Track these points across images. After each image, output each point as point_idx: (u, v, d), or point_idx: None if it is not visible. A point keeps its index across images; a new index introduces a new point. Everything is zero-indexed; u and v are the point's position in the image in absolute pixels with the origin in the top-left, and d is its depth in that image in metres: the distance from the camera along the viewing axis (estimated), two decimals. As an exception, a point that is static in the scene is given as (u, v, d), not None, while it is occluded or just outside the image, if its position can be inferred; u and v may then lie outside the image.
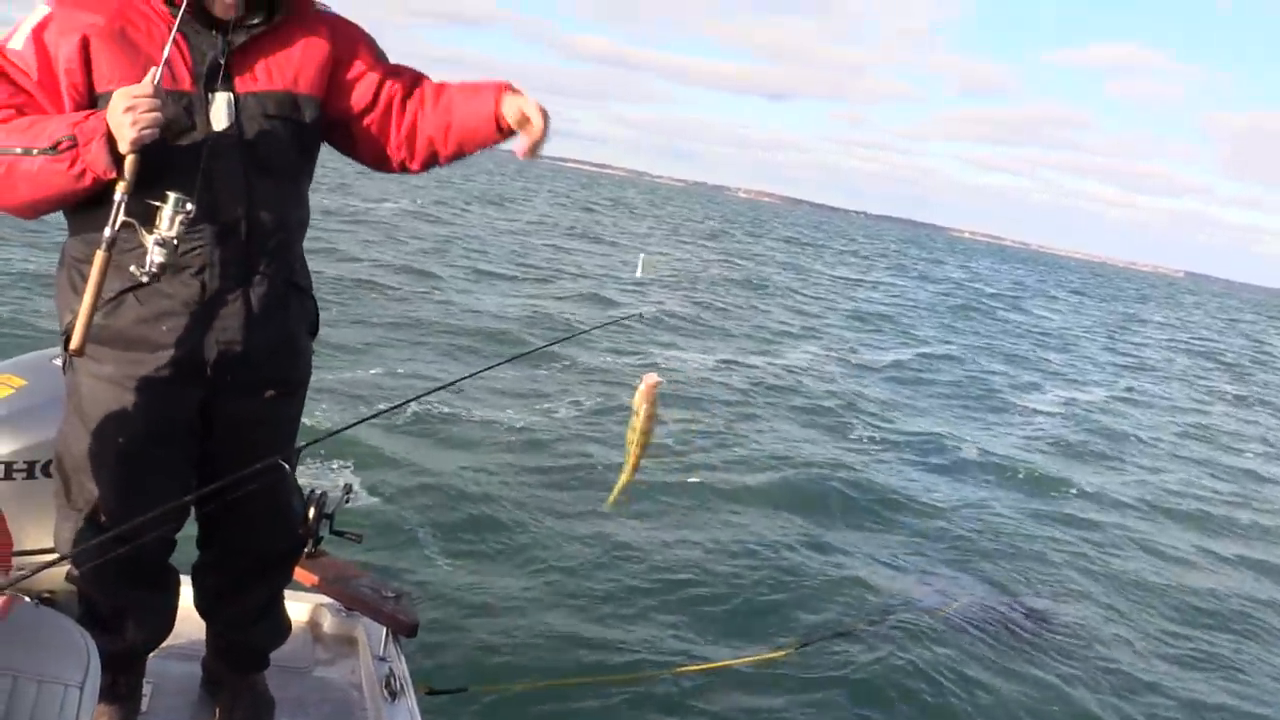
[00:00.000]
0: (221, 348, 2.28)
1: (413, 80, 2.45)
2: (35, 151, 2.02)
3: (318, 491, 3.00)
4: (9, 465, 2.68)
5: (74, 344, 2.11)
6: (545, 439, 8.69)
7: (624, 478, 2.43)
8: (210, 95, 2.18)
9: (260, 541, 2.64)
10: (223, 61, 2.19)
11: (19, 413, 2.70)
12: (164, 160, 2.10)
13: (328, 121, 2.38)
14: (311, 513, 2.98)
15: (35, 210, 2.16)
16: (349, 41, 2.40)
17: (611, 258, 26.49)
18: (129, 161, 2.04)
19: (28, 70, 2.10)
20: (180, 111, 2.14)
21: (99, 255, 2.09)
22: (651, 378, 2.34)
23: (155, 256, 2.08)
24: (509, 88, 2.33)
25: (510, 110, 2.30)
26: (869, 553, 7.39)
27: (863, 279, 35.12)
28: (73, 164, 2.03)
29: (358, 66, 2.39)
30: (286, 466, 2.49)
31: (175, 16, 2.11)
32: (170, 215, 2.06)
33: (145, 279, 2.13)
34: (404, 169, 2.49)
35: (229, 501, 2.47)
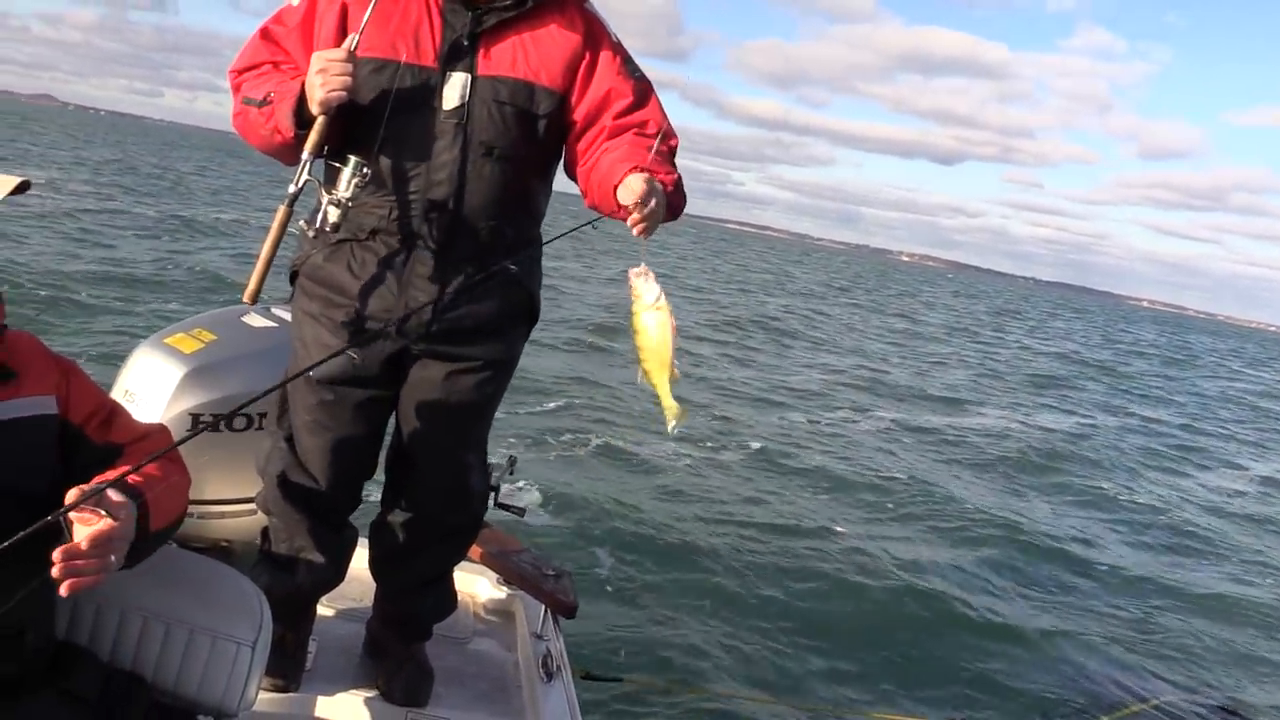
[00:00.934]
0: (407, 311, 2.32)
1: (630, 113, 2.36)
2: (252, 103, 2.19)
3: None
4: (196, 417, 2.77)
5: (247, 294, 2.24)
6: (723, 465, 8.62)
7: (663, 399, 2.15)
8: (448, 74, 2.22)
9: (437, 511, 2.65)
10: (466, 42, 2.23)
11: (208, 366, 2.80)
12: (389, 131, 2.19)
13: (562, 116, 2.34)
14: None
15: (272, 156, 2.30)
16: (601, 46, 2.34)
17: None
18: (318, 123, 2.13)
19: (288, 24, 2.26)
20: (413, 89, 2.20)
21: (280, 210, 2.20)
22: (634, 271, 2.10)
23: (330, 215, 2.17)
24: (639, 168, 2.16)
25: (625, 192, 2.13)
26: (1069, 629, 6.86)
27: (1031, 343, 33.69)
28: (269, 119, 2.16)
29: (599, 75, 2.33)
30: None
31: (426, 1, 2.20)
32: (348, 177, 2.15)
33: (312, 234, 2.23)
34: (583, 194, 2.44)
35: (414, 466, 2.56)
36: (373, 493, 2.71)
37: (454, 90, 2.23)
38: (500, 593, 3.29)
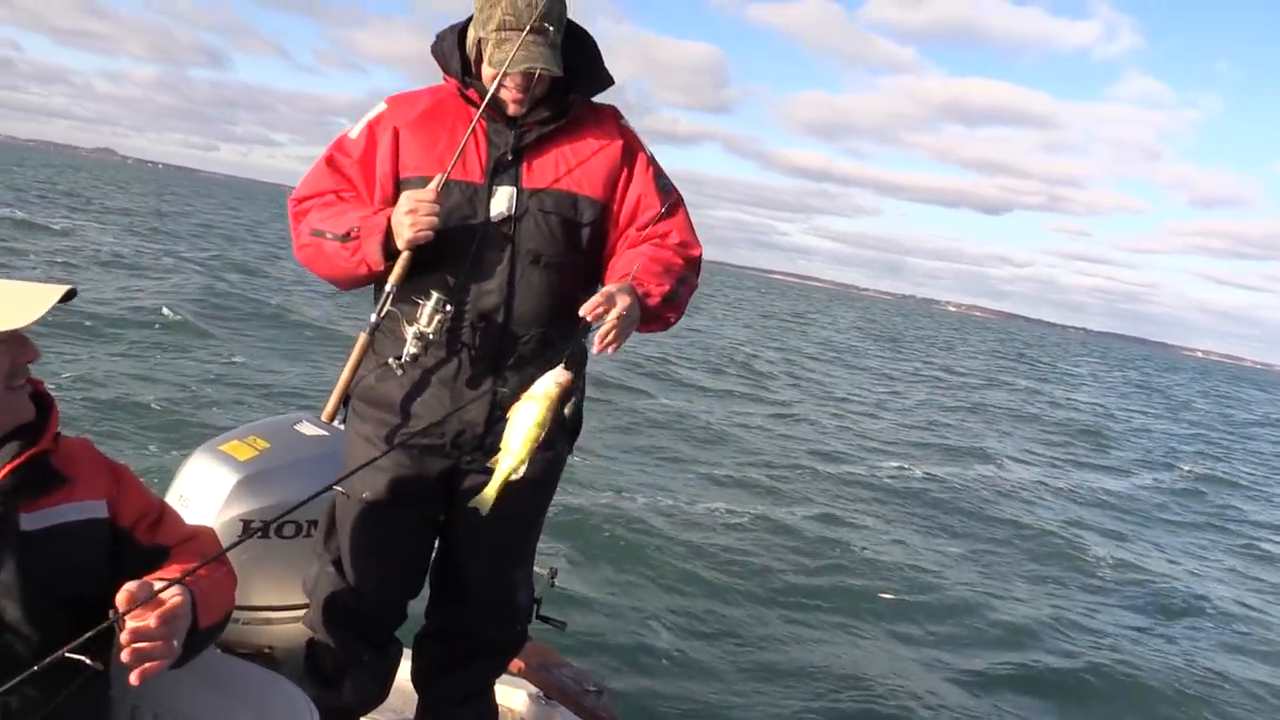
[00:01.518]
0: (463, 427, 2.38)
1: (654, 224, 2.43)
2: (333, 237, 2.29)
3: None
4: (247, 523, 2.82)
5: (325, 414, 2.45)
6: (761, 535, 8.53)
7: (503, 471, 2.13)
8: (494, 188, 2.32)
9: (481, 626, 2.67)
10: (510, 157, 2.33)
11: (261, 474, 2.85)
12: (438, 244, 2.27)
13: (604, 225, 2.42)
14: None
15: (339, 285, 2.43)
16: (636, 159, 2.44)
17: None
18: (402, 258, 2.26)
19: (352, 155, 2.39)
20: (461, 203, 2.30)
21: (361, 338, 2.36)
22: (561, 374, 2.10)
23: (410, 348, 2.28)
24: (625, 277, 2.24)
25: (585, 304, 2.17)
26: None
27: (1079, 397, 33.15)
28: (354, 252, 2.28)
29: (633, 186, 2.43)
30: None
31: (475, 113, 2.31)
32: (430, 312, 2.26)
33: (398, 370, 2.32)
34: None
35: (460, 583, 2.59)
36: (417, 604, 2.75)
37: (501, 203, 2.32)
38: (540, 707, 3.28)
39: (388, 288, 2.29)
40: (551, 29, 2.24)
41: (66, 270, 17.28)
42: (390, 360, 2.33)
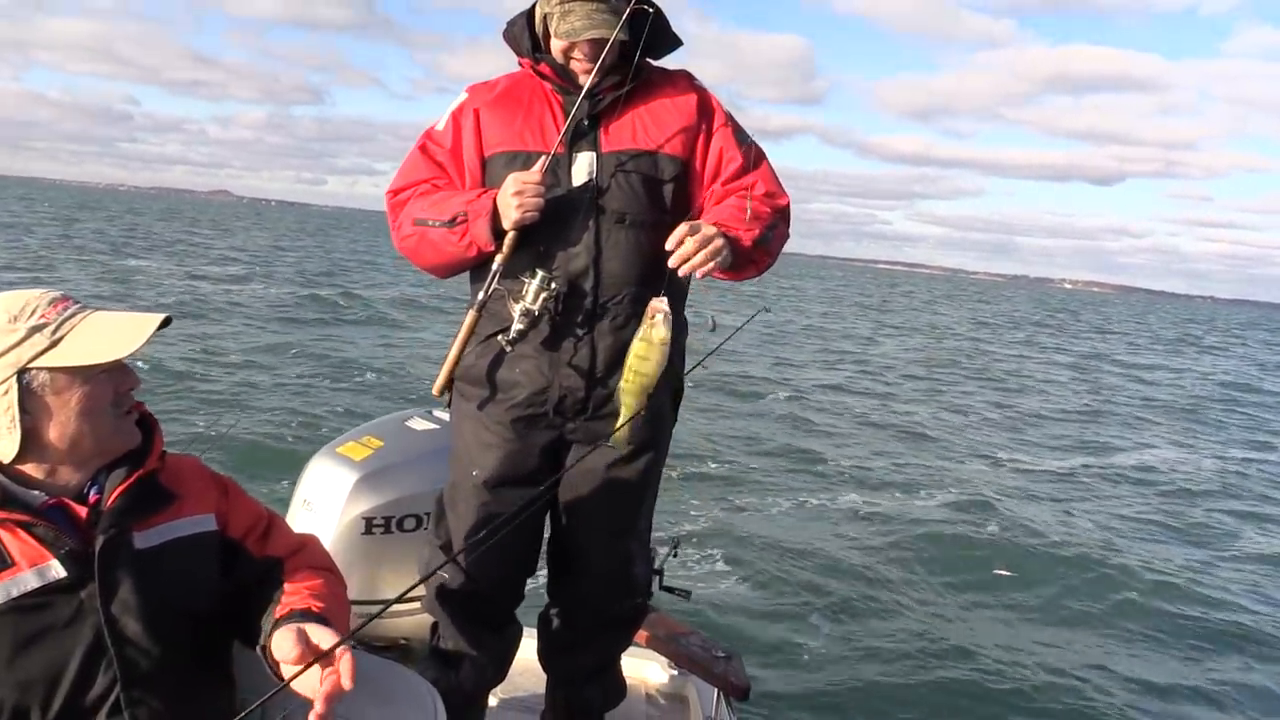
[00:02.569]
0: (563, 393, 2.41)
1: (738, 178, 2.45)
2: (437, 223, 2.36)
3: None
4: (369, 520, 2.90)
5: (435, 389, 2.48)
6: (892, 519, 8.39)
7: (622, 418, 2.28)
8: (574, 155, 2.38)
9: (601, 601, 2.69)
10: (587, 124, 2.38)
11: (378, 472, 2.93)
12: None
13: (687, 182, 2.45)
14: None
15: (443, 272, 2.49)
16: (713, 116, 2.47)
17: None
18: (509, 238, 2.32)
19: (443, 144, 2.47)
20: (551, 177, 2.34)
21: (469, 315, 2.40)
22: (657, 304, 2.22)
23: (518, 324, 2.33)
24: (712, 221, 2.29)
25: (671, 239, 2.25)
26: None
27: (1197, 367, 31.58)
28: (463, 236, 2.34)
29: (713, 143, 2.46)
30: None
31: (551, 86, 2.40)
32: (535, 290, 2.31)
33: (508, 347, 2.36)
34: None
35: (576, 558, 2.62)
36: (538, 582, 2.77)
37: (581, 168, 2.37)
38: (672, 677, 3.28)
39: (495, 265, 2.34)
40: None
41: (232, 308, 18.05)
42: (499, 337, 2.38)
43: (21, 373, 1.60)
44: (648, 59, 2.41)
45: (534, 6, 2.41)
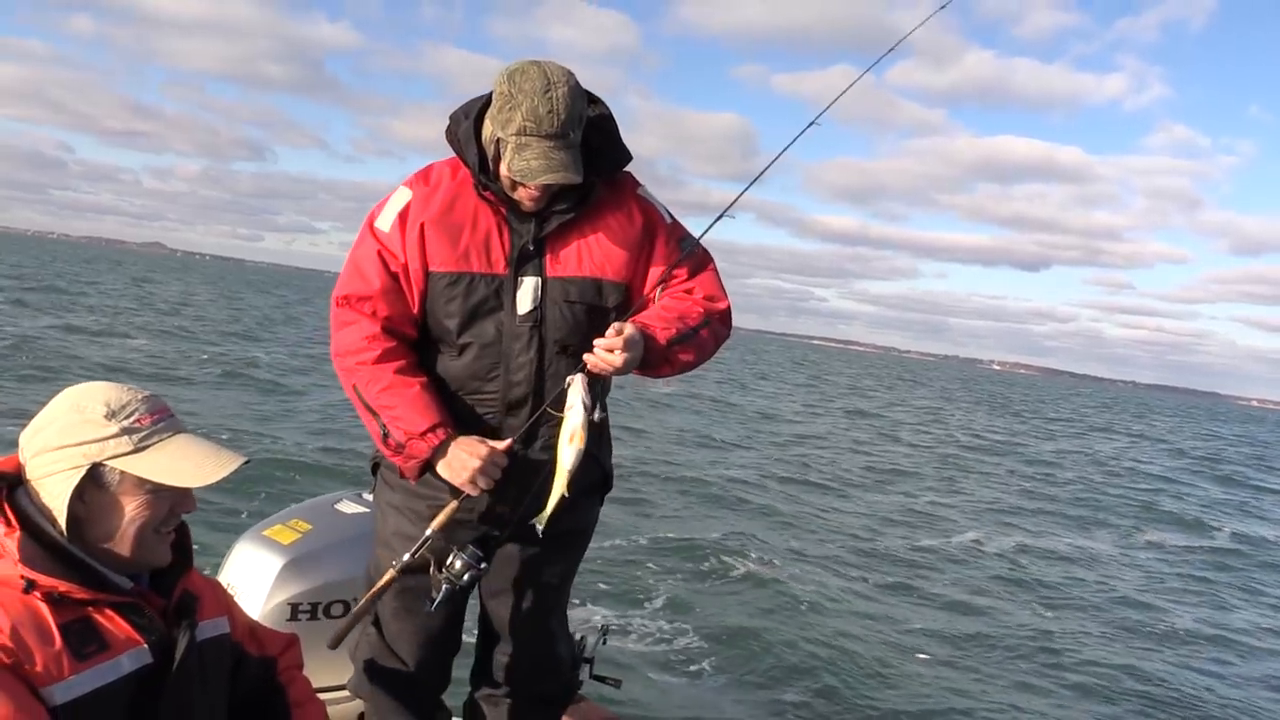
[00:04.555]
0: (492, 502, 2.40)
1: (679, 284, 2.47)
2: (376, 421, 2.32)
3: (576, 635, 2.99)
4: (295, 606, 2.85)
5: (330, 641, 2.41)
6: (832, 597, 8.38)
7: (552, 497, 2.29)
8: (519, 279, 2.32)
9: (527, 681, 2.67)
10: (532, 247, 2.33)
11: (305, 556, 2.89)
12: (468, 337, 2.32)
13: (628, 304, 2.43)
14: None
15: None
16: (657, 233, 2.44)
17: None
18: (451, 508, 2.34)
19: (395, 252, 2.33)
20: (488, 296, 2.32)
21: (389, 575, 2.37)
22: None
23: (437, 594, 2.36)
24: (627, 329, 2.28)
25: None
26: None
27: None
28: (391, 455, 2.35)
29: (655, 259, 2.43)
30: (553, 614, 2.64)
31: (493, 208, 2.32)
32: (462, 567, 2.34)
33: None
34: None
35: (500, 640, 2.62)
36: (461, 671, 2.74)
37: (526, 294, 2.32)
38: None
39: (428, 532, 2.37)
40: (572, 133, 2.21)
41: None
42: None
43: (97, 466, 1.61)
44: (596, 179, 2.35)
45: (482, 111, 2.32)
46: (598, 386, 2.31)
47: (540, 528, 2.32)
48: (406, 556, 2.35)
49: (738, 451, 17.79)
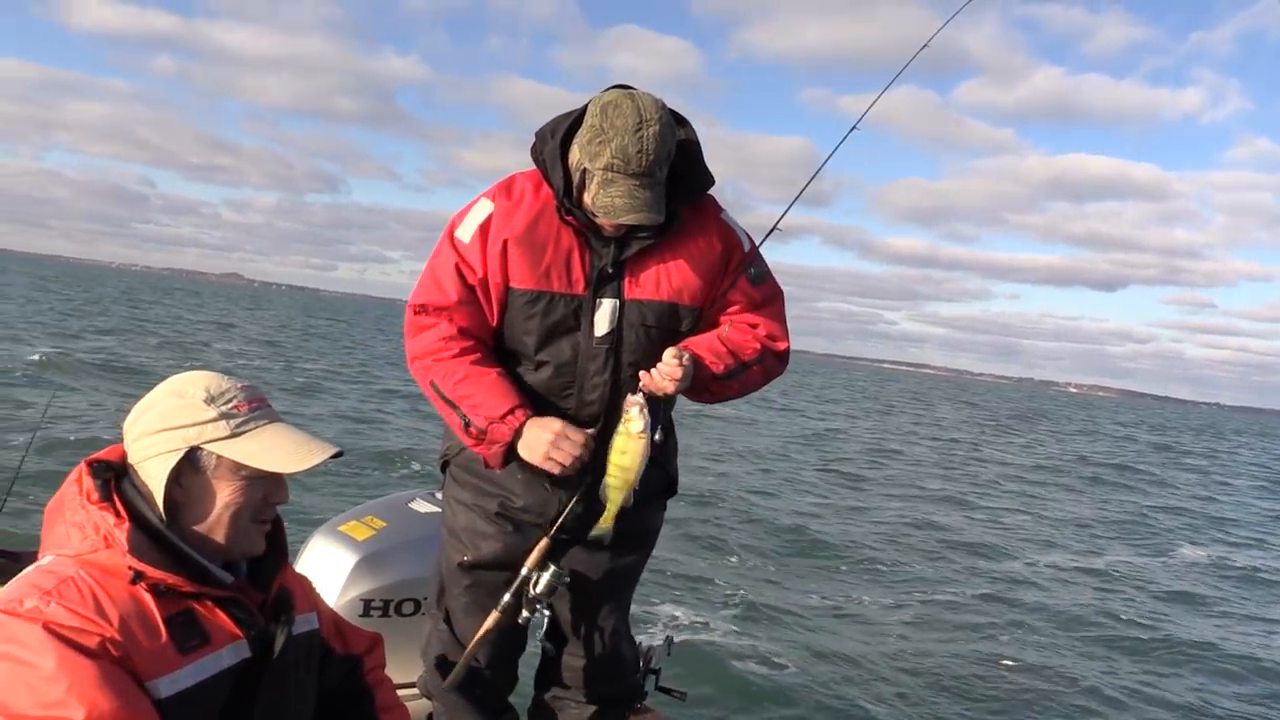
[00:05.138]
0: (562, 507, 2.42)
1: (742, 314, 2.48)
2: (456, 412, 2.33)
3: (643, 645, 2.96)
4: (368, 602, 2.87)
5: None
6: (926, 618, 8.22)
7: (608, 512, 2.35)
8: (598, 300, 2.34)
9: (591, 682, 2.67)
10: (612, 270, 2.34)
11: (379, 553, 2.91)
12: (545, 354, 2.35)
13: (700, 326, 2.45)
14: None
15: None
16: (735, 259, 2.46)
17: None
18: (542, 545, 2.39)
19: (474, 265, 2.35)
20: (566, 316, 2.34)
21: (493, 617, 2.44)
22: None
23: (525, 610, 2.43)
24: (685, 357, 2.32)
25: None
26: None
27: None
28: (474, 444, 2.35)
29: (730, 285, 2.44)
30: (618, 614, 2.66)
31: (575, 230, 2.33)
32: (548, 583, 2.40)
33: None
34: None
35: (565, 640, 2.63)
36: (526, 677, 2.76)
37: (604, 317, 2.34)
38: None
39: (524, 570, 2.42)
40: (658, 171, 2.21)
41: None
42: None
43: (195, 449, 1.64)
44: (679, 205, 2.35)
45: (569, 132, 2.31)
46: (659, 407, 2.33)
47: (604, 540, 2.40)
48: (507, 597, 2.41)
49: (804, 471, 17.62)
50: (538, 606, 2.41)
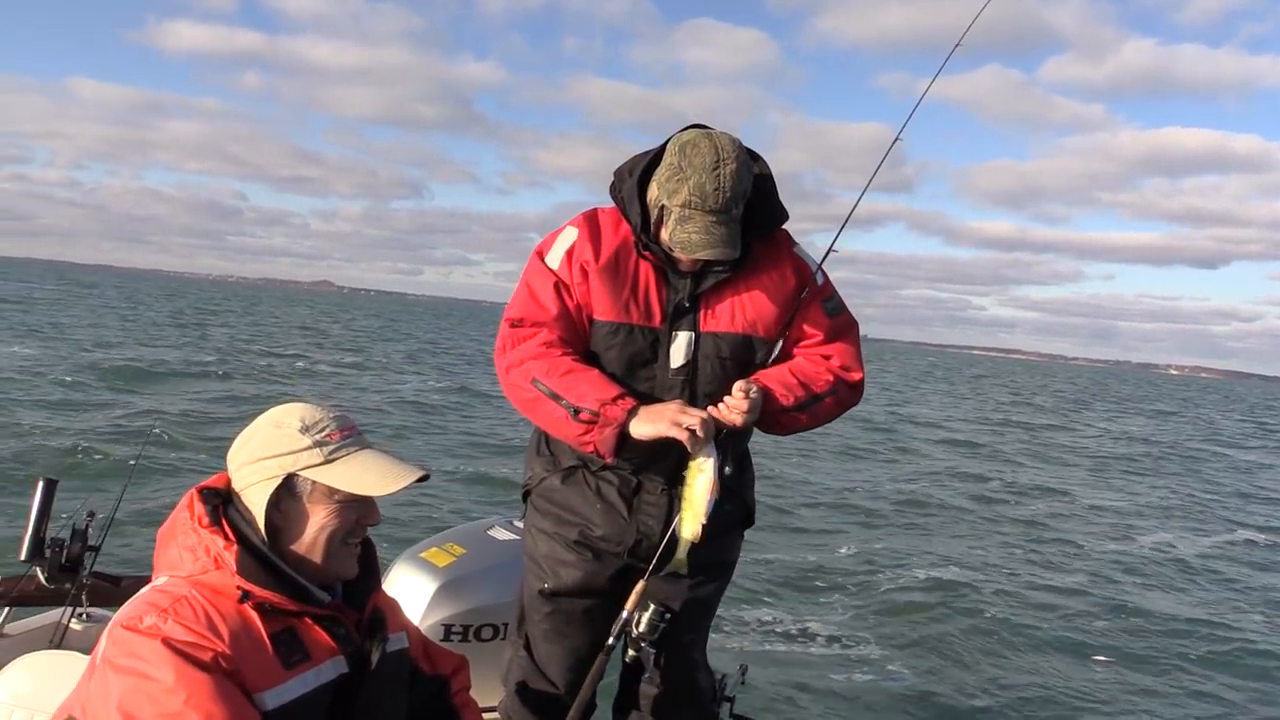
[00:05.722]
0: (640, 538, 2.46)
1: (816, 346, 2.50)
2: (562, 402, 2.30)
3: (716, 674, 2.99)
4: (448, 628, 2.95)
5: None
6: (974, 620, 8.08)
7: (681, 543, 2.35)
8: (674, 333, 2.38)
9: (668, 710, 2.69)
10: (688, 304, 2.38)
11: (459, 580, 2.99)
12: (624, 385, 2.34)
13: (774, 358, 2.48)
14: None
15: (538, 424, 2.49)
16: (809, 292, 2.47)
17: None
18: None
19: (570, 286, 2.39)
20: (644, 348, 2.37)
21: (599, 660, 2.46)
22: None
23: (631, 649, 2.45)
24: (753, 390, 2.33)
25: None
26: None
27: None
28: (585, 432, 2.29)
29: (801, 317, 2.47)
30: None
31: (652, 265, 2.37)
32: (650, 620, 2.42)
33: (583, 476, 2.46)
34: None
35: (643, 668, 2.62)
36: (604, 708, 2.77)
37: (680, 349, 2.38)
38: None
39: (625, 612, 2.43)
40: (735, 208, 2.26)
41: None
42: (580, 471, 2.48)
43: (291, 476, 1.73)
44: (754, 239, 2.39)
45: (647, 170, 2.36)
46: (728, 438, 2.34)
47: (680, 572, 2.40)
48: (611, 640, 2.43)
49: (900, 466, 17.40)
50: (642, 645, 2.43)
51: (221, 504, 1.77)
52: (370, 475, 1.76)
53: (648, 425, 2.24)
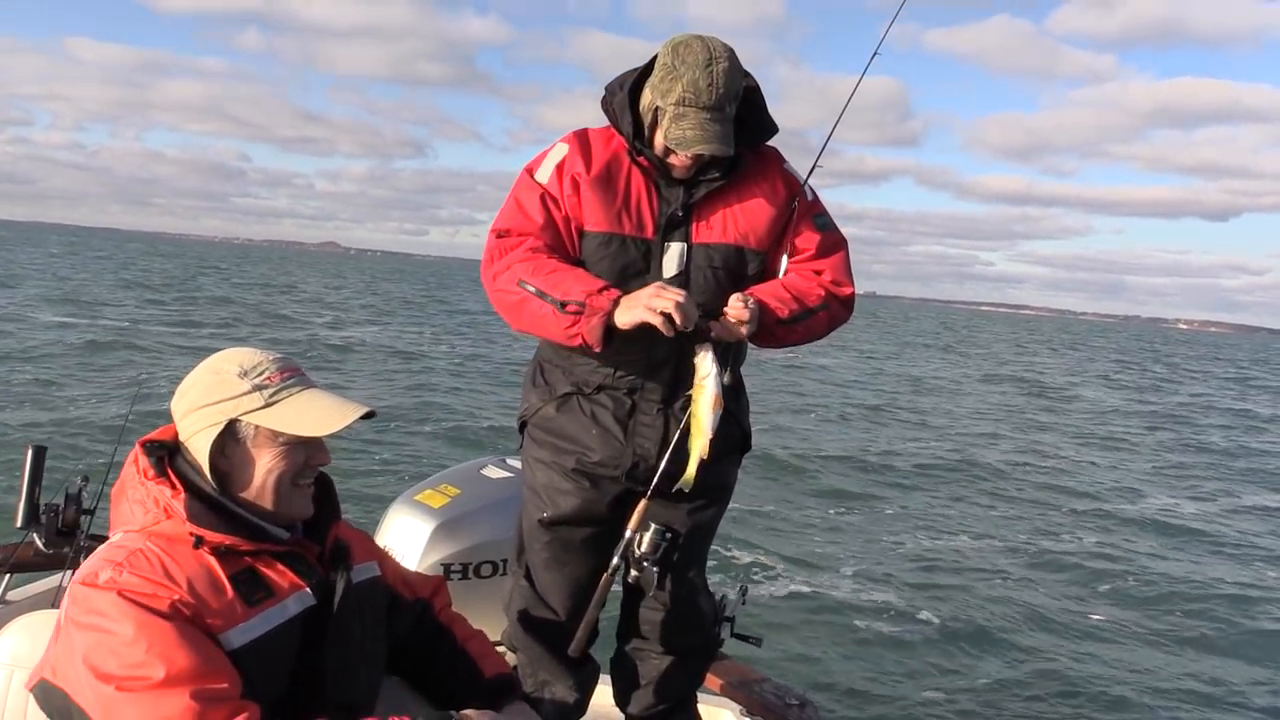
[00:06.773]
0: (636, 460, 2.49)
1: (808, 261, 2.51)
2: (548, 298, 2.31)
3: (716, 595, 3.03)
4: (448, 566, 2.99)
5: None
6: (979, 563, 8.16)
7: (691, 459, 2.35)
8: (666, 244, 2.41)
9: (670, 633, 2.74)
10: (681, 214, 2.41)
11: (455, 519, 3.03)
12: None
13: (764, 272, 2.49)
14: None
15: (529, 334, 2.49)
16: (798, 207, 2.49)
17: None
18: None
19: (558, 199, 2.42)
20: (636, 259, 2.39)
21: (604, 578, 2.49)
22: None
23: (634, 569, 2.49)
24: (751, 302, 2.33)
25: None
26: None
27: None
28: (572, 324, 2.30)
29: (792, 231, 2.48)
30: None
31: (644, 174, 2.40)
32: (651, 540, 2.46)
33: (578, 403, 2.49)
34: None
35: (644, 593, 2.68)
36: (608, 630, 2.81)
37: (672, 259, 2.40)
38: None
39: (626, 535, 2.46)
40: (728, 106, 2.30)
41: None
42: (575, 399, 2.49)
43: (233, 421, 1.74)
44: (744, 149, 2.41)
45: (638, 81, 2.41)
46: (728, 353, 2.37)
47: (685, 490, 2.41)
48: (615, 559, 2.46)
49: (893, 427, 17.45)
50: (645, 565, 2.48)
51: (167, 455, 1.78)
52: (312, 415, 1.76)
53: (627, 312, 2.25)
